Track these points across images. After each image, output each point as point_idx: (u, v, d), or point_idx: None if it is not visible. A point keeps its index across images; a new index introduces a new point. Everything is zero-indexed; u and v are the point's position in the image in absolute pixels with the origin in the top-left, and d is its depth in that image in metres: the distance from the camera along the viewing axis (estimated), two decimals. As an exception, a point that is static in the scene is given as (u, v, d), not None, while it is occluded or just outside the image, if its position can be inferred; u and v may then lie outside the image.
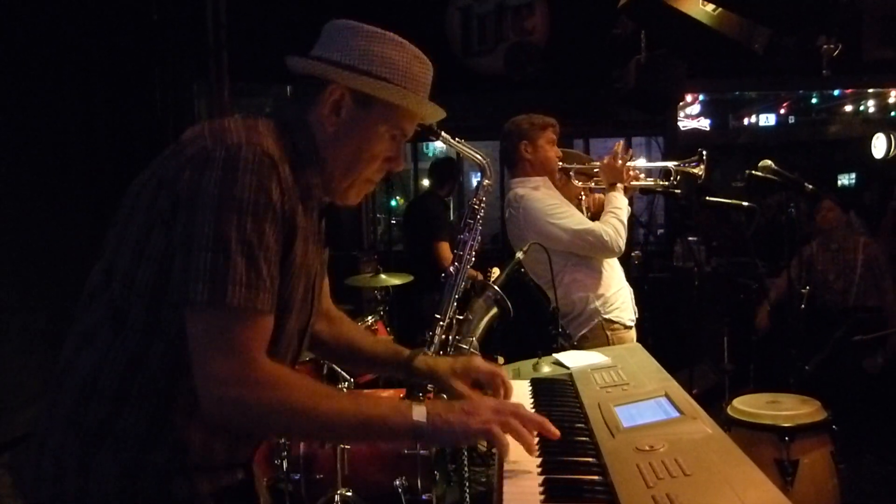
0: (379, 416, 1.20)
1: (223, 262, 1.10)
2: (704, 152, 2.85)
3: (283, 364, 1.27)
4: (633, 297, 3.02)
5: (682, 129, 7.72)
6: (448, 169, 5.17)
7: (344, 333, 1.61)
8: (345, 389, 3.04)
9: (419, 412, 1.20)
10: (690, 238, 4.83)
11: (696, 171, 2.88)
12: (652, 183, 3.04)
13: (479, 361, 1.58)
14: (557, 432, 1.25)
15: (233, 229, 1.11)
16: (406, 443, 1.23)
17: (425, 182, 8.27)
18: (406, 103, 1.31)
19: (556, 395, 1.63)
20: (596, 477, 1.17)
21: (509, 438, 1.23)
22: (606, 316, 2.84)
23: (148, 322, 1.17)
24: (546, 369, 1.86)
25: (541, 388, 1.70)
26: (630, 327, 2.93)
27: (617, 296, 2.89)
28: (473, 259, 1.98)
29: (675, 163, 2.94)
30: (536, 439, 1.29)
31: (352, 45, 1.29)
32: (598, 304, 2.83)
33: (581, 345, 2.60)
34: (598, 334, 2.81)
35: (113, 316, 1.18)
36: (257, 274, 1.12)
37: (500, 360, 2.70)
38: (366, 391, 2.99)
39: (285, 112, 1.33)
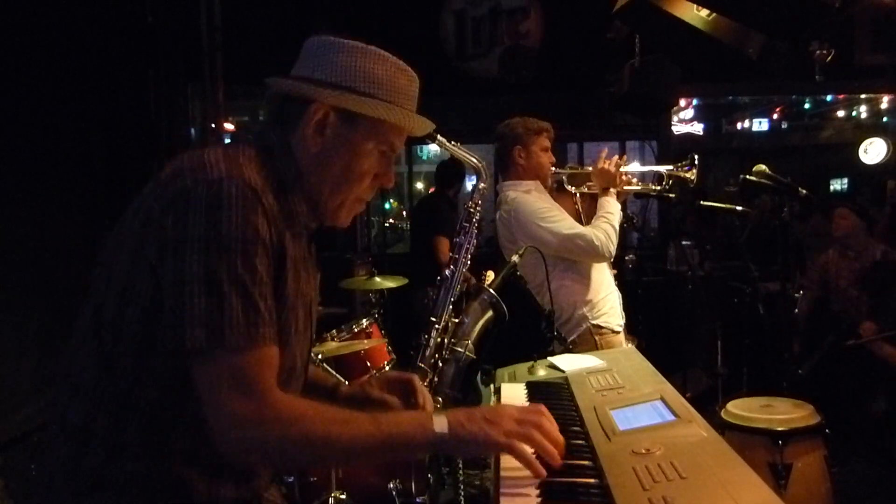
0: (400, 434, 1.17)
1: (218, 305, 1.07)
2: (696, 156, 2.87)
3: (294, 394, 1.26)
4: (621, 301, 3.03)
5: (676, 133, 7.75)
6: (453, 170, 5.12)
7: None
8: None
9: (440, 423, 1.18)
10: (684, 242, 4.84)
11: (688, 175, 2.89)
12: (644, 187, 3.06)
13: (391, 373, 1.56)
14: (559, 461, 1.20)
15: (223, 270, 1.08)
16: (428, 454, 1.21)
17: (419, 185, 8.30)
18: (392, 118, 1.27)
19: (551, 398, 1.63)
20: (592, 480, 1.17)
21: None
22: (594, 322, 2.85)
23: (137, 368, 1.14)
24: (541, 372, 1.87)
25: (536, 391, 1.70)
26: (618, 332, 2.94)
27: (605, 301, 2.90)
28: (469, 262, 1.99)
29: (668, 167, 2.95)
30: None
31: (333, 62, 1.25)
32: (585, 309, 2.84)
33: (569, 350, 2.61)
34: (587, 339, 2.82)
35: (102, 363, 1.16)
36: (255, 310, 1.10)
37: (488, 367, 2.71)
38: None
39: (268, 135, 1.28)
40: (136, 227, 1.16)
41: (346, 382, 1.63)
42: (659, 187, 2.99)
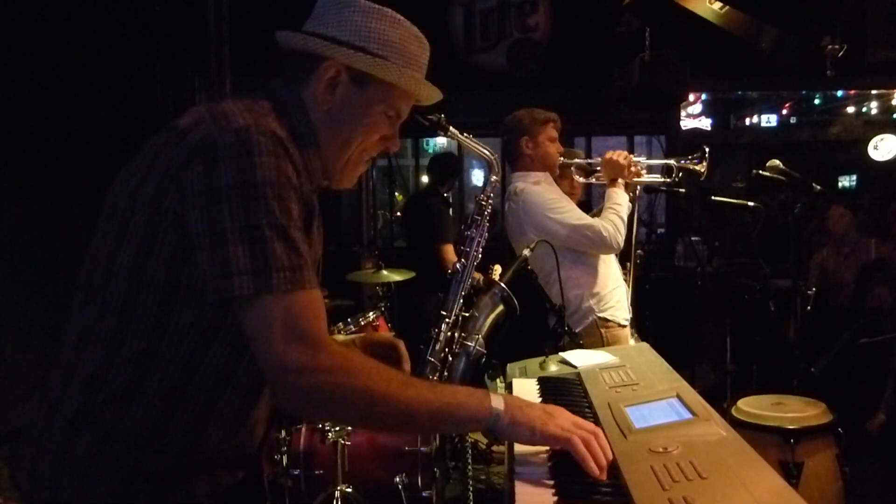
0: (457, 404, 1.15)
1: (261, 250, 1.05)
2: (707, 149, 2.83)
3: None
4: (628, 296, 3.01)
5: (684, 128, 7.70)
6: (449, 164, 5.01)
7: None
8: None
9: (497, 401, 1.17)
10: (693, 238, 4.81)
11: (698, 167, 2.86)
12: (653, 179, 3.03)
13: (378, 334, 1.54)
14: (604, 477, 1.15)
15: (262, 215, 1.06)
16: (478, 430, 1.18)
17: (425, 178, 8.27)
18: (403, 83, 1.26)
19: (564, 394, 1.61)
20: (609, 478, 1.15)
21: None
22: (601, 314, 2.84)
23: (158, 319, 1.12)
24: (553, 368, 1.84)
25: (548, 386, 1.67)
26: (624, 326, 2.92)
27: (612, 294, 2.89)
28: (480, 256, 1.96)
29: (677, 159, 2.92)
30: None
31: (348, 21, 1.24)
32: (592, 302, 2.83)
33: None
34: (593, 332, 2.81)
35: (118, 315, 1.13)
36: (297, 253, 1.08)
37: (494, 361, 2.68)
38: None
39: (279, 92, 1.26)
40: (152, 177, 1.12)
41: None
42: (668, 179, 2.96)
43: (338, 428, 2.71)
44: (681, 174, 2.91)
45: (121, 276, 1.13)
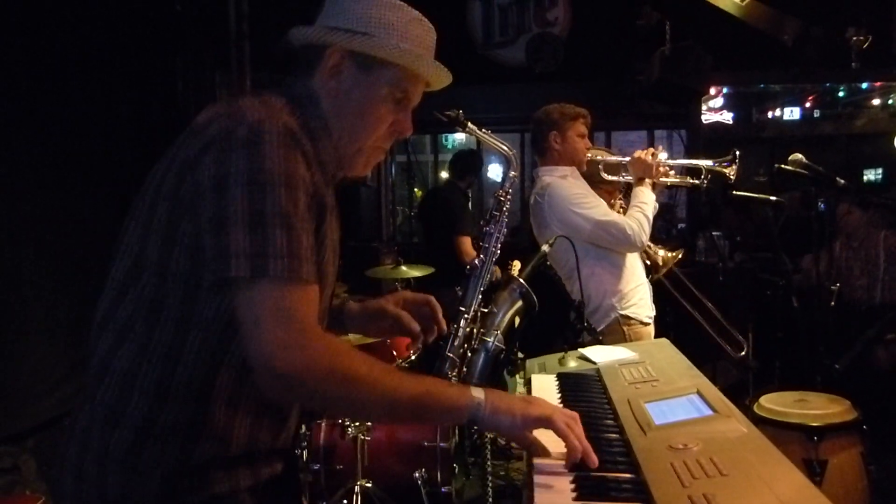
0: (438, 392, 1.18)
1: (261, 237, 1.06)
2: (738, 152, 2.81)
3: None
4: (651, 293, 2.99)
5: (705, 122, 7.60)
6: (471, 161, 5.04)
7: None
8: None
9: (478, 391, 1.20)
10: (714, 233, 4.76)
11: (727, 171, 2.84)
12: (680, 180, 3.01)
13: (409, 293, 1.57)
14: (596, 461, 1.19)
15: (267, 202, 1.07)
16: (461, 421, 1.19)
17: (444, 174, 8.26)
18: (405, 62, 1.28)
19: (583, 390, 1.61)
20: (628, 475, 1.14)
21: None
22: (623, 312, 2.83)
23: (184, 311, 1.14)
24: (572, 364, 1.84)
25: (567, 382, 1.67)
26: (647, 324, 2.91)
27: (635, 292, 2.87)
28: (499, 252, 1.96)
29: (708, 162, 2.89)
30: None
31: (348, 10, 1.28)
32: (614, 300, 2.82)
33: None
34: (615, 330, 2.80)
35: (148, 308, 1.15)
36: (298, 243, 1.09)
37: (521, 355, 2.68)
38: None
39: (293, 87, 1.29)
40: (172, 171, 1.15)
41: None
42: (697, 181, 2.94)
43: (357, 423, 2.73)
44: (709, 176, 2.89)
45: (149, 271, 1.16)
